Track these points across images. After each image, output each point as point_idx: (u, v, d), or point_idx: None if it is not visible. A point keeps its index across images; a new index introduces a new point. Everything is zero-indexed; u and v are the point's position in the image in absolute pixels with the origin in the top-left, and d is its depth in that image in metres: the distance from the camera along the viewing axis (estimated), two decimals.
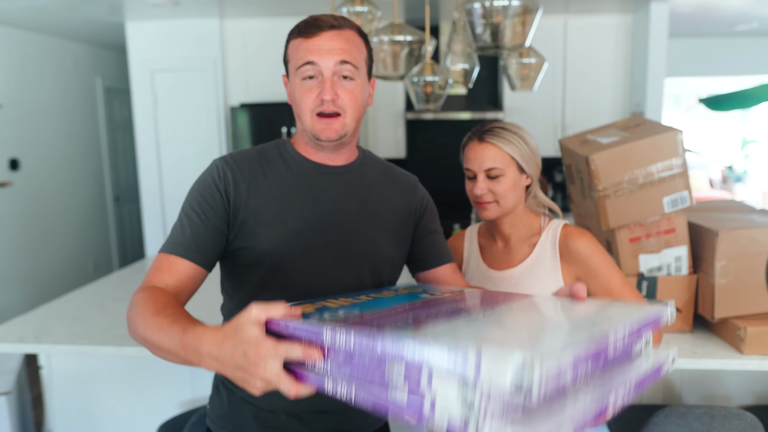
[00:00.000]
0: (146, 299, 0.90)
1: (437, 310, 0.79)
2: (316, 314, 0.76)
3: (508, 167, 1.26)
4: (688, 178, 1.66)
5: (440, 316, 0.74)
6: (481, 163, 1.26)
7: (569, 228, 1.27)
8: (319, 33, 1.00)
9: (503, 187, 1.26)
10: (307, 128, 1.05)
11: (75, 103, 4.92)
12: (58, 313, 2.03)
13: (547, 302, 0.87)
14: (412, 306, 0.82)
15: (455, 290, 0.97)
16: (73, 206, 4.92)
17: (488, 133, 1.27)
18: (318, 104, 1.02)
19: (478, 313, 0.77)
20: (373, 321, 0.71)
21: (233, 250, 1.06)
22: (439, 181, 4.69)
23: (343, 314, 0.76)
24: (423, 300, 0.86)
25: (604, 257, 1.24)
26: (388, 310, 0.79)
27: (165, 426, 1.74)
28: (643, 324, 0.72)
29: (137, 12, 3.94)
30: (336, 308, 0.80)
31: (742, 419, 1.39)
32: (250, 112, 4.06)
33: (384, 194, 1.16)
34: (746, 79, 5.95)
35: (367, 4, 1.96)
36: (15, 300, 4.26)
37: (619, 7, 3.96)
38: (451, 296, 0.90)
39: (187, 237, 1.01)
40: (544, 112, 4.21)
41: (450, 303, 0.84)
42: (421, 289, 0.97)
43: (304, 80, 1.02)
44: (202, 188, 1.05)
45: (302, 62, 1.01)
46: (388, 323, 0.69)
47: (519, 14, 1.54)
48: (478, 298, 0.88)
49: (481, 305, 0.83)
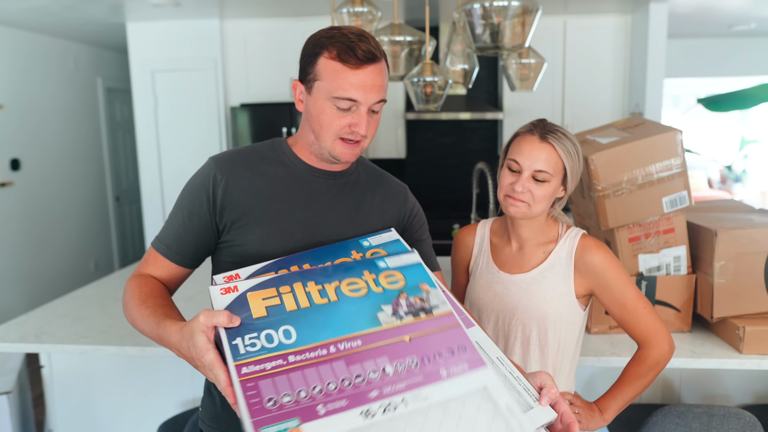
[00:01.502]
0: (134, 287, 1.04)
1: (349, 378, 0.79)
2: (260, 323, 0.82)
3: (556, 175, 1.21)
4: (687, 178, 1.66)
5: (340, 395, 0.77)
6: (534, 161, 1.19)
7: (587, 240, 1.24)
8: (362, 66, 0.99)
9: (543, 193, 1.20)
10: (326, 147, 1.06)
11: (76, 103, 4.92)
12: (59, 313, 2.04)
13: (480, 410, 0.81)
14: (334, 353, 0.81)
15: (395, 325, 0.88)
16: (74, 206, 4.93)
17: (552, 134, 1.20)
18: (347, 132, 1.03)
19: (382, 406, 0.78)
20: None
21: (224, 246, 1.09)
22: (439, 181, 4.69)
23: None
24: (349, 350, 0.82)
25: (620, 272, 1.21)
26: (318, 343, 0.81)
27: (165, 425, 1.74)
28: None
29: (138, 12, 3.95)
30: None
31: (741, 418, 1.40)
32: (250, 112, 4.07)
33: (375, 201, 1.17)
34: (745, 79, 5.96)
35: (367, 4, 1.96)
36: (16, 299, 4.26)
37: (618, 7, 3.96)
38: (381, 347, 0.84)
39: (170, 237, 1.09)
40: (544, 112, 4.21)
41: (371, 361, 0.81)
42: (384, 264, 0.94)
43: (339, 109, 1.01)
44: (191, 189, 1.08)
45: (343, 96, 1.00)
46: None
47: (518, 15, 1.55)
48: (406, 373, 0.82)
49: (405, 387, 0.80)
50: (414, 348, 0.85)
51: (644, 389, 1.25)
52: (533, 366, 1.23)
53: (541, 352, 1.22)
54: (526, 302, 1.23)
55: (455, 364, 0.85)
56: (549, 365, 1.23)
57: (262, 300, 0.84)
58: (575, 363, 1.28)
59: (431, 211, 4.27)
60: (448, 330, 0.89)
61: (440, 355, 0.85)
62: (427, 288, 0.92)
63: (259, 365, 0.78)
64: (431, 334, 0.87)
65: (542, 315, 1.21)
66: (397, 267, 0.94)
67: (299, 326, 0.83)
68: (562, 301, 1.22)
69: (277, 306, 0.84)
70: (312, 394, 0.77)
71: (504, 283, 1.28)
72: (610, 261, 1.21)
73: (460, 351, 0.86)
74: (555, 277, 1.23)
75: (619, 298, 1.21)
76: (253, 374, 0.77)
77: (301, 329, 0.82)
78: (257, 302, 0.84)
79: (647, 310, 1.21)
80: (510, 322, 1.24)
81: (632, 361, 1.25)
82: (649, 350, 1.22)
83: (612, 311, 1.23)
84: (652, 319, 1.21)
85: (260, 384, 0.77)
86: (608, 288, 1.21)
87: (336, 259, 0.91)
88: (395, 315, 0.87)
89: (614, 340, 1.72)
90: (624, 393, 1.24)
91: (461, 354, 0.86)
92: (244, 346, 0.79)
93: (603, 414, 1.25)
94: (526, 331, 1.23)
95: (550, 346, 1.22)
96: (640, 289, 1.72)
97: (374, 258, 0.94)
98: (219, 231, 1.08)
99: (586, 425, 1.25)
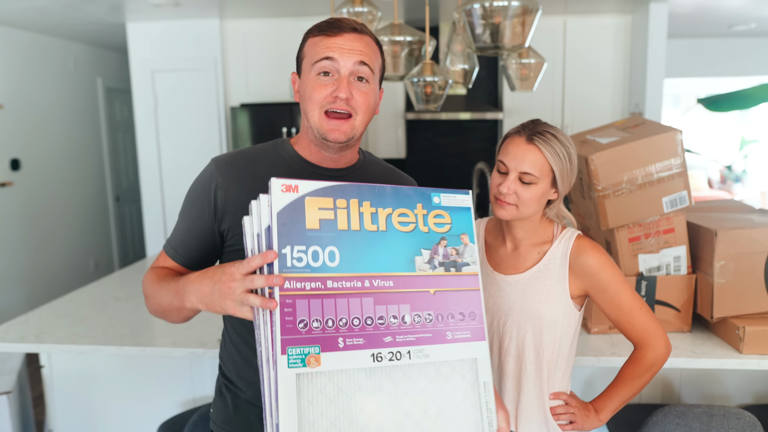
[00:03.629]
0: (152, 276, 1.08)
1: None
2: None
3: (544, 178, 1.19)
4: (687, 178, 1.66)
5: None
6: (519, 163, 1.18)
7: (582, 241, 1.23)
8: (341, 33, 1.00)
9: (530, 194, 1.19)
10: (315, 126, 1.03)
11: (76, 103, 4.93)
12: (59, 313, 2.04)
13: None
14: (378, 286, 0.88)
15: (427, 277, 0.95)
16: (74, 206, 4.93)
17: (539, 136, 1.18)
18: (330, 101, 1.00)
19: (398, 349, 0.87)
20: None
21: (230, 251, 1.07)
22: (439, 181, 4.69)
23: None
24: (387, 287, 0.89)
25: (614, 273, 1.21)
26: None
27: (165, 425, 1.74)
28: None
29: (138, 12, 3.95)
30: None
31: (741, 418, 1.40)
32: (250, 112, 4.07)
33: None
34: (745, 79, 5.96)
35: (367, 4, 1.96)
36: (16, 299, 4.27)
37: (618, 7, 3.97)
38: (408, 294, 0.91)
39: (176, 241, 1.10)
40: (544, 112, 4.21)
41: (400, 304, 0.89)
42: (438, 200, 0.97)
43: (320, 75, 1.01)
44: (194, 193, 1.08)
45: (321, 57, 1.00)
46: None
47: (518, 15, 1.55)
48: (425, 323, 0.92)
49: (415, 340, 0.90)
50: (435, 302, 0.92)
51: (640, 390, 1.25)
52: (529, 367, 1.23)
53: (536, 352, 1.22)
54: (521, 303, 1.23)
55: (461, 329, 0.93)
56: (544, 366, 1.23)
57: (318, 209, 0.85)
58: (571, 363, 1.28)
59: None
60: (468, 292, 0.95)
61: (452, 317, 0.93)
62: (467, 241, 0.97)
63: (301, 283, 0.81)
64: (453, 291, 0.94)
65: (537, 316, 1.21)
66: (448, 206, 0.96)
67: (344, 250, 0.85)
68: (558, 302, 1.22)
69: (329, 221, 0.85)
70: (338, 325, 0.83)
71: (499, 284, 1.27)
72: (605, 262, 1.21)
73: (469, 317, 0.94)
74: (550, 278, 1.23)
75: (614, 299, 1.20)
76: (293, 291, 0.80)
77: (345, 254, 0.85)
78: (313, 211, 0.84)
79: (643, 310, 1.21)
80: (505, 322, 1.24)
81: (628, 361, 1.25)
82: (646, 351, 1.21)
83: (607, 312, 1.23)
84: (647, 319, 1.21)
85: (297, 303, 0.80)
86: (603, 289, 1.21)
87: (398, 208, 0.92)
88: (430, 263, 0.92)
89: (614, 340, 1.72)
90: (620, 393, 1.24)
91: (469, 321, 0.94)
92: (291, 257, 0.81)
93: (599, 414, 1.25)
94: (522, 331, 1.22)
95: (546, 346, 1.22)
96: (639, 289, 1.73)
97: (430, 189, 0.96)
98: (222, 235, 1.07)
99: (581, 425, 1.25)
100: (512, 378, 1.25)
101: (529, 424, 1.24)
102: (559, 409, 1.25)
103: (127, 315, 2.01)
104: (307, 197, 0.84)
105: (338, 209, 0.86)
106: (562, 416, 1.25)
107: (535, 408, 1.24)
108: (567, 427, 1.25)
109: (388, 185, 0.92)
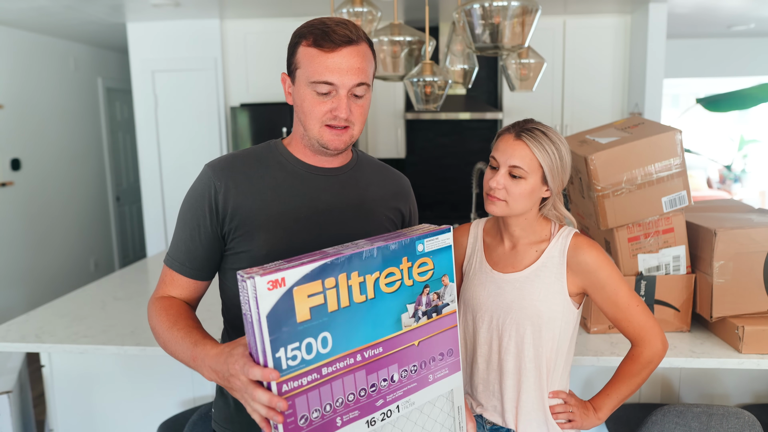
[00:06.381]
0: (159, 310, 1.04)
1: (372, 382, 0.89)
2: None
3: (533, 173, 1.21)
4: (686, 178, 1.67)
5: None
6: (508, 157, 1.20)
7: (579, 239, 1.24)
8: (337, 49, 0.99)
9: (519, 189, 1.21)
10: (314, 136, 1.05)
11: (76, 103, 4.93)
12: (60, 313, 2.04)
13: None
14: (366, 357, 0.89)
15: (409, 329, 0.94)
16: (75, 206, 4.93)
17: (527, 132, 1.21)
18: (330, 117, 1.02)
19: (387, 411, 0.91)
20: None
21: (230, 253, 1.08)
22: (439, 181, 4.69)
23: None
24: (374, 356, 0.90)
25: (612, 270, 1.22)
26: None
27: (165, 424, 1.74)
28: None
29: (138, 12, 3.95)
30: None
31: (740, 418, 1.40)
32: (250, 112, 4.07)
33: (379, 194, 1.17)
34: (744, 79, 5.97)
35: (367, 4, 1.96)
36: (17, 299, 4.27)
37: (617, 8, 3.97)
38: (395, 354, 0.92)
39: (181, 253, 1.08)
40: (543, 112, 4.22)
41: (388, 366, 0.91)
42: (422, 248, 0.95)
43: (318, 94, 1.01)
44: (192, 201, 1.08)
45: (320, 80, 0.99)
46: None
47: (518, 15, 1.55)
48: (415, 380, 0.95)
49: (402, 393, 0.93)
50: (419, 353, 0.95)
51: (638, 387, 1.26)
52: (529, 364, 1.24)
53: (535, 350, 1.23)
54: (520, 301, 1.23)
55: (440, 368, 0.98)
56: (543, 363, 1.24)
57: (307, 298, 0.81)
58: (569, 361, 1.29)
59: (431, 211, 4.27)
60: (447, 332, 0.99)
61: (434, 360, 0.97)
62: (446, 281, 0.98)
63: (298, 380, 0.81)
64: (435, 335, 0.97)
65: (536, 314, 1.22)
66: (431, 251, 0.96)
67: (336, 332, 0.85)
68: (556, 300, 1.22)
69: (320, 307, 0.83)
70: (335, 406, 0.85)
71: (497, 283, 1.28)
72: (602, 260, 1.22)
73: (447, 355, 0.98)
74: (548, 276, 1.24)
75: (612, 296, 1.21)
76: (291, 391, 0.80)
77: (337, 336, 0.85)
78: (302, 302, 0.81)
79: (640, 308, 1.22)
80: (504, 321, 1.25)
81: (626, 359, 1.25)
82: (643, 348, 1.22)
83: (605, 310, 1.24)
84: (644, 317, 1.22)
85: (296, 401, 0.81)
86: (601, 286, 1.22)
87: (385, 269, 0.90)
88: (414, 317, 0.94)
89: (614, 339, 1.73)
90: (618, 391, 1.25)
91: (447, 358, 0.99)
92: (285, 359, 0.80)
93: (597, 413, 1.26)
94: (521, 330, 1.23)
95: (545, 344, 1.23)
96: (639, 289, 1.73)
97: (414, 238, 0.94)
98: (224, 239, 1.07)
99: (580, 424, 1.25)
100: (512, 376, 1.25)
101: (529, 422, 1.25)
102: (558, 407, 1.25)
103: (128, 315, 2.01)
104: (295, 288, 0.80)
105: (327, 290, 0.83)
106: (561, 415, 1.25)
107: (535, 405, 1.24)
108: (566, 425, 1.25)
109: (375, 246, 0.88)
